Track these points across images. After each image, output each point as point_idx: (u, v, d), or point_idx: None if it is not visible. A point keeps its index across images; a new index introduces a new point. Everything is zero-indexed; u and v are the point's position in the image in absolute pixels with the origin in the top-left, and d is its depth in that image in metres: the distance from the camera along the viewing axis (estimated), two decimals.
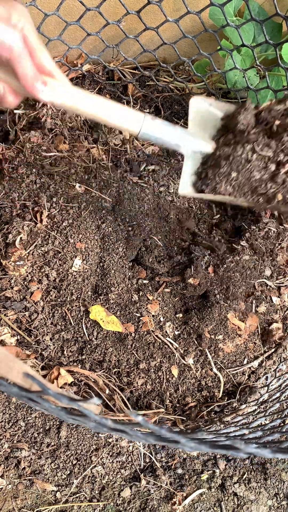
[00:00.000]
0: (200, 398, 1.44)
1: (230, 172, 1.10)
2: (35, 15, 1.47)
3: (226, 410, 1.42)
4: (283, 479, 1.43)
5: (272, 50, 1.61)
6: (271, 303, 1.54)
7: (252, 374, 1.49)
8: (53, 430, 1.38)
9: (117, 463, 1.39)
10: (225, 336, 1.47)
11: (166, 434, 0.47)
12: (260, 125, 1.19)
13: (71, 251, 1.47)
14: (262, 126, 1.19)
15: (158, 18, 1.49)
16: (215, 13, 1.52)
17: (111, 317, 1.42)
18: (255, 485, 1.41)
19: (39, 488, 1.35)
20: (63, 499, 1.34)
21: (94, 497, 1.36)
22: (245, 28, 1.51)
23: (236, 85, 1.65)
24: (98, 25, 1.54)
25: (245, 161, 1.11)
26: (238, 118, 1.15)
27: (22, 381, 0.78)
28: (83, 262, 1.47)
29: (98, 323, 1.42)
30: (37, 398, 0.52)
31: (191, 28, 1.68)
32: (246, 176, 1.11)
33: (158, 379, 1.42)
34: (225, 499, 1.39)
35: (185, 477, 1.40)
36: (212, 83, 1.80)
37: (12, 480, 1.35)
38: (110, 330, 1.42)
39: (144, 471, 1.39)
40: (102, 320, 1.41)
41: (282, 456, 0.55)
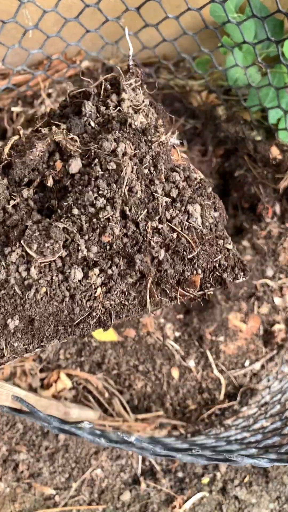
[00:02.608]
0: (201, 400, 1.43)
1: (4, 319, 0.78)
2: (34, 12, 1.44)
3: (227, 413, 1.40)
4: (285, 482, 1.41)
5: (273, 47, 1.58)
6: (273, 304, 1.52)
7: (254, 376, 1.47)
8: (51, 433, 1.36)
9: (117, 466, 1.37)
10: (226, 338, 1.45)
11: (161, 452, 0.45)
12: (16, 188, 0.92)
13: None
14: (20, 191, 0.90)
15: (158, 14, 1.47)
16: (216, 10, 1.49)
17: None
18: (256, 489, 1.39)
19: (38, 491, 1.33)
20: (62, 503, 1.33)
21: (93, 500, 1.34)
22: (246, 25, 1.49)
23: (237, 82, 1.63)
24: (97, 21, 1.51)
25: (21, 286, 0.78)
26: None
27: (12, 404, 0.77)
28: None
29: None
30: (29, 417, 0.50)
31: (192, 25, 1.66)
32: (39, 313, 0.79)
33: (158, 381, 1.41)
34: (226, 503, 1.37)
35: (186, 481, 1.38)
36: (213, 80, 1.78)
37: (10, 484, 1.33)
38: (105, 340, 1.40)
39: (144, 475, 1.38)
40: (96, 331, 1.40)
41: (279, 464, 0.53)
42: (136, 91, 0.98)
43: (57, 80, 1.68)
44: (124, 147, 0.86)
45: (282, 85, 1.51)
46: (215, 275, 0.88)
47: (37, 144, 0.90)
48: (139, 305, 0.86)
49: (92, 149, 0.87)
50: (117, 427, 1.34)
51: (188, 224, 0.87)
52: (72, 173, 0.87)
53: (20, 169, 0.89)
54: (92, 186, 0.83)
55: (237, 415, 1.37)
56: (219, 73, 1.73)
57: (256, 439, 1.12)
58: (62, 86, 1.68)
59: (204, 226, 0.89)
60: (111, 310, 0.84)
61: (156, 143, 0.90)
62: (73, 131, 0.92)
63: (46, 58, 1.69)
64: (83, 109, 0.95)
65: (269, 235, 1.54)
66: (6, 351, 0.77)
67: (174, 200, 0.88)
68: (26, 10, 1.45)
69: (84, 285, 0.81)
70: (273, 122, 1.59)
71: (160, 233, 0.85)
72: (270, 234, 1.54)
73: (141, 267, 0.83)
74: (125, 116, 0.92)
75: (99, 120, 0.95)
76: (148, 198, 0.86)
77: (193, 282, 0.86)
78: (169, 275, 0.85)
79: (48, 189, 0.91)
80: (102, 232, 0.82)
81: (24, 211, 0.88)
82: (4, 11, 1.43)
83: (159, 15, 1.47)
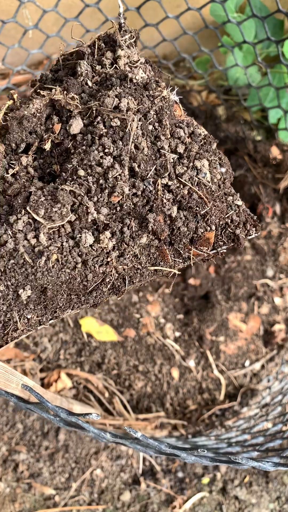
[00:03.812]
0: (201, 401, 1.42)
1: (16, 290, 0.75)
2: (34, 12, 1.44)
3: (228, 413, 1.40)
4: (285, 482, 1.41)
5: (274, 47, 1.58)
6: (273, 304, 1.52)
7: (254, 376, 1.47)
8: (51, 433, 1.36)
9: (117, 466, 1.37)
10: (226, 338, 1.45)
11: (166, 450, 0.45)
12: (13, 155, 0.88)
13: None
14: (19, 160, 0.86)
15: (158, 14, 1.47)
16: (216, 10, 1.49)
17: (104, 326, 1.40)
18: (256, 489, 1.39)
19: (38, 491, 1.33)
20: (62, 503, 1.33)
21: (93, 500, 1.34)
22: (246, 25, 1.49)
23: (237, 82, 1.63)
24: (97, 21, 1.51)
25: (31, 255, 0.75)
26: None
27: (21, 393, 0.76)
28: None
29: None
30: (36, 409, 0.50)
31: (192, 24, 1.66)
32: (51, 282, 0.77)
33: (158, 381, 1.41)
34: (226, 503, 1.37)
35: (186, 481, 1.38)
36: (213, 80, 1.78)
37: (10, 484, 1.33)
38: (105, 340, 1.40)
39: (144, 475, 1.38)
40: (96, 331, 1.40)
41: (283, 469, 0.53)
42: (131, 49, 0.95)
43: None
44: (127, 102, 0.83)
45: (282, 85, 1.51)
46: (228, 232, 0.86)
47: (34, 100, 0.87)
48: (152, 267, 0.84)
49: (94, 107, 0.84)
50: (118, 426, 1.34)
51: (198, 180, 0.84)
52: (74, 133, 0.84)
53: (16, 132, 0.87)
54: (96, 145, 0.80)
55: (238, 416, 1.36)
56: (219, 72, 1.73)
57: (258, 441, 1.12)
58: None
59: (213, 182, 0.86)
60: (124, 275, 0.82)
61: (158, 98, 0.88)
62: (70, 91, 0.89)
63: (46, 58, 1.68)
64: (78, 68, 0.92)
65: (269, 235, 1.53)
66: (20, 324, 0.75)
67: (181, 156, 0.86)
68: (26, 10, 1.45)
69: (96, 249, 0.78)
70: (273, 122, 1.59)
71: (171, 190, 0.83)
72: (270, 234, 1.54)
73: (154, 226, 0.80)
74: (124, 72, 0.89)
75: (96, 79, 0.92)
76: (155, 155, 0.84)
77: (206, 240, 0.85)
78: (182, 234, 0.83)
79: (47, 154, 0.87)
80: (111, 192, 0.79)
81: (25, 179, 0.85)
82: (4, 11, 1.43)
83: (159, 14, 1.47)
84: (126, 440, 0.52)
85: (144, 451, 0.57)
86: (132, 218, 0.81)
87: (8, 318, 0.74)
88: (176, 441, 1.28)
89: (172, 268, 0.85)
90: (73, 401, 1.27)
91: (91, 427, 0.48)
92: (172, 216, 0.82)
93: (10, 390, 0.75)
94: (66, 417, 0.48)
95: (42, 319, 0.77)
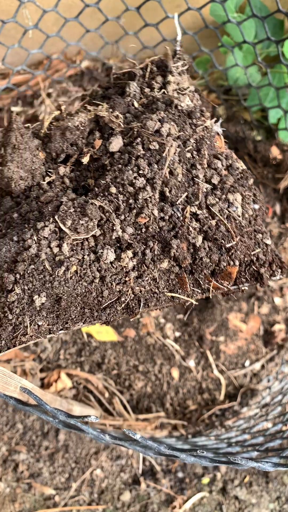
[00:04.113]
0: (201, 401, 1.42)
1: (31, 295, 0.75)
2: (34, 12, 1.44)
3: (228, 413, 1.40)
4: (285, 482, 1.41)
5: (274, 47, 1.58)
6: (273, 304, 1.52)
7: (254, 376, 1.47)
8: (51, 433, 1.36)
9: (117, 466, 1.37)
10: (226, 338, 1.45)
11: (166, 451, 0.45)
12: (54, 165, 0.91)
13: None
14: (57, 167, 0.89)
15: (158, 14, 1.47)
16: (216, 10, 1.49)
17: (104, 326, 1.40)
18: (256, 489, 1.39)
19: (38, 491, 1.33)
20: (62, 503, 1.33)
21: (93, 500, 1.34)
22: (246, 25, 1.49)
23: (237, 82, 1.63)
24: (97, 21, 1.51)
25: (51, 263, 0.76)
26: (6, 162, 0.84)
27: (20, 395, 0.76)
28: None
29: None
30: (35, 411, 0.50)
31: (192, 24, 1.66)
32: (66, 292, 0.76)
33: (158, 381, 1.41)
34: (226, 503, 1.37)
35: (186, 481, 1.38)
36: (213, 80, 1.78)
37: (10, 484, 1.33)
38: (104, 340, 1.40)
39: (144, 475, 1.38)
40: (96, 331, 1.40)
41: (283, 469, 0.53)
42: (182, 76, 0.97)
43: (57, 80, 1.68)
44: (168, 127, 0.84)
45: (282, 85, 1.51)
46: (252, 270, 0.85)
47: (79, 114, 0.89)
48: (169, 293, 0.83)
49: (135, 128, 0.85)
50: (118, 427, 1.34)
51: (228, 213, 0.84)
52: (112, 151, 0.85)
53: (58, 142, 0.88)
54: (132, 165, 0.81)
55: (237, 416, 1.36)
56: (219, 72, 1.73)
57: (257, 441, 1.12)
58: (62, 85, 1.68)
59: (244, 217, 0.86)
60: (140, 297, 0.81)
61: (200, 127, 0.88)
62: (116, 110, 0.90)
63: (46, 58, 1.68)
64: (127, 89, 0.94)
65: (269, 235, 1.53)
66: (30, 329, 0.74)
67: (215, 187, 0.86)
68: (26, 10, 1.45)
69: (116, 267, 0.78)
70: (273, 122, 1.59)
71: (199, 219, 0.83)
72: (270, 234, 1.54)
73: (177, 253, 0.80)
74: (171, 97, 0.90)
75: (143, 101, 0.93)
76: (189, 182, 0.84)
77: (228, 274, 0.83)
78: (204, 264, 0.82)
79: (84, 167, 0.89)
80: (139, 213, 0.80)
81: (59, 188, 0.86)
82: (4, 11, 1.43)
83: (159, 14, 1.47)
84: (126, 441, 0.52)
85: (144, 452, 0.57)
86: (156, 241, 0.81)
87: (19, 322, 0.74)
88: (176, 441, 1.28)
89: (190, 297, 0.84)
90: (73, 402, 1.27)
91: (90, 429, 0.48)
92: (196, 245, 0.82)
93: (8, 393, 0.75)
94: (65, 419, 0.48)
95: (52, 328, 0.77)
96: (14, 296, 0.73)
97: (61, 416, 0.46)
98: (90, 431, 0.48)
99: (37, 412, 0.59)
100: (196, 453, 0.54)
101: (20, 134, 0.88)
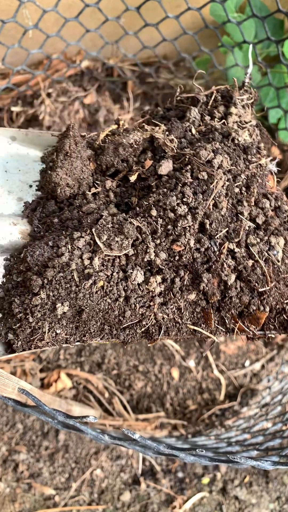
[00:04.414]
0: (201, 401, 1.42)
1: (54, 302, 0.75)
2: (34, 12, 1.44)
3: (228, 413, 1.40)
4: (285, 483, 1.41)
5: (274, 47, 1.58)
6: None
7: (254, 376, 1.47)
8: (51, 433, 1.36)
9: (117, 466, 1.37)
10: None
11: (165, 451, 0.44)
12: (102, 177, 0.91)
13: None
14: (104, 180, 0.90)
15: (158, 14, 1.47)
16: (216, 9, 1.49)
17: None
18: (256, 489, 1.39)
19: (38, 491, 1.33)
20: (62, 503, 1.33)
21: (93, 500, 1.34)
22: (246, 25, 1.49)
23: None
24: (97, 21, 1.51)
25: (80, 274, 0.75)
26: (55, 167, 0.85)
27: (18, 397, 0.76)
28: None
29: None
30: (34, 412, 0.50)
31: (192, 24, 1.66)
32: (89, 306, 0.76)
33: (158, 381, 1.41)
34: (226, 503, 1.37)
35: (186, 481, 1.38)
36: (213, 80, 1.78)
37: (10, 484, 1.33)
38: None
39: (144, 475, 1.38)
40: None
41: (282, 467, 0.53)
42: (246, 109, 0.95)
43: (57, 80, 1.68)
44: (221, 159, 0.82)
45: (282, 85, 1.51)
46: (282, 318, 0.81)
47: (135, 132, 0.88)
48: (192, 326, 0.81)
49: (188, 154, 0.84)
50: (118, 427, 1.34)
51: (267, 255, 0.80)
52: (161, 174, 0.85)
53: (110, 156, 0.88)
54: (177, 191, 0.80)
55: (237, 416, 1.36)
56: (219, 72, 1.72)
57: (257, 441, 1.12)
58: (62, 85, 1.68)
59: (284, 262, 0.82)
60: (162, 324, 0.80)
61: (254, 164, 0.86)
62: (172, 134, 0.89)
63: (46, 58, 1.68)
64: (188, 114, 0.93)
65: None
66: (47, 336, 0.75)
67: (258, 226, 0.83)
68: (26, 10, 1.45)
69: (142, 290, 0.77)
70: (273, 122, 1.59)
71: (235, 257, 0.80)
72: None
73: (206, 287, 0.78)
74: (230, 130, 0.88)
75: (200, 129, 0.92)
76: (232, 218, 0.81)
77: (256, 319, 0.80)
78: (233, 304, 0.79)
79: (130, 185, 0.89)
80: (175, 240, 0.78)
81: (103, 201, 0.86)
82: (4, 11, 1.43)
83: (159, 14, 1.46)
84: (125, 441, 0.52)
85: (143, 452, 0.57)
86: (187, 271, 0.80)
87: (38, 326, 0.75)
88: (176, 441, 1.28)
89: (212, 334, 0.82)
90: (73, 402, 1.27)
91: (89, 429, 0.48)
92: (227, 283, 0.79)
93: (6, 394, 0.75)
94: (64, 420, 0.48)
95: (70, 338, 0.77)
96: (38, 300, 0.74)
97: (60, 417, 0.46)
98: (89, 432, 0.48)
99: (36, 413, 0.58)
100: (195, 452, 0.54)
101: (75, 142, 0.88)
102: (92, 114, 1.69)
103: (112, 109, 1.71)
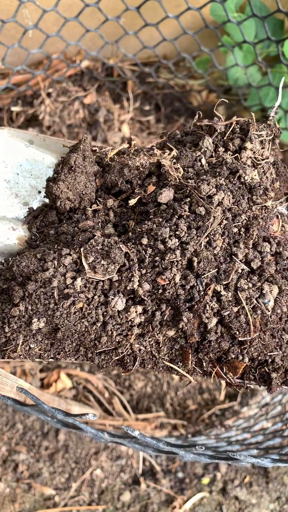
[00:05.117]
0: (201, 401, 1.42)
1: (31, 317, 0.75)
2: (34, 12, 1.44)
3: (227, 413, 1.40)
4: (285, 483, 1.41)
5: (274, 47, 1.58)
6: None
7: None
8: (51, 433, 1.36)
9: (117, 466, 1.37)
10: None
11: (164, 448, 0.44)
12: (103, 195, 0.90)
13: None
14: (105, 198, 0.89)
15: (158, 14, 1.47)
16: (216, 9, 1.49)
17: None
18: (256, 489, 1.39)
19: (38, 491, 1.33)
20: (62, 503, 1.33)
21: (93, 501, 1.34)
22: (246, 25, 1.49)
23: (237, 82, 1.63)
24: (97, 21, 1.51)
25: (60, 293, 0.74)
26: (59, 178, 0.84)
27: (16, 396, 0.76)
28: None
29: None
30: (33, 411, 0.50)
31: (192, 24, 1.66)
32: (66, 326, 0.75)
33: (158, 381, 1.40)
34: (226, 503, 1.37)
35: (186, 481, 1.38)
36: (213, 79, 1.78)
37: (10, 484, 1.33)
38: None
39: (144, 475, 1.37)
40: None
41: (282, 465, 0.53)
42: (264, 145, 0.91)
43: (57, 80, 1.68)
44: (222, 196, 0.79)
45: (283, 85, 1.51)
46: (263, 370, 0.77)
47: (141, 155, 0.87)
48: (168, 363, 0.79)
49: (189, 186, 0.81)
50: (118, 427, 1.34)
51: (256, 303, 0.76)
52: (160, 202, 0.82)
53: (115, 175, 0.87)
54: (172, 223, 0.78)
55: (237, 416, 1.36)
56: (219, 72, 1.73)
57: (257, 440, 1.12)
58: (62, 85, 1.68)
59: (274, 312, 0.77)
60: (137, 355, 0.78)
61: (259, 206, 0.83)
62: (180, 162, 0.87)
63: (46, 58, 1.68)
64: (201, 143, 0.90)
65: None
66: (20, 348, 0.74)
67: (252, 271, 0.79)
68: (26, 10, 1.45)
69: (121, 317, 0.76)
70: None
71: (220, 300, 0.76)
72: None
73: (186, 327, 0.75)
74: (238, 166, 0.85)
75: (211, 160, 0.89)
76: (225, 258, 0.78)
77: (234, 368, 0.76)
78: (211, 348, 0.76)
79: (131, 207, 0.86)
80: (160, 273, 0.76)
81: (102, 219, 0.85)
82: (4, 11, 1.43)
83: (159, 14, 1.47)
84: (125, 439, 0.52)
85: (143, 450, 0.57)
86: (169, 307, 0.77)
87: (13, 337, 0.74)
88: (175, 441, 1.28)
89: (189, 374, 0.79)
90: (72, 402, 1.27)
91: (88, 427, 0.48)
92: (207, 326, 0.76)
93: (5, 393, 0.75)
94: (63, 418, 0.48)
95: (43, 354, 0.76)
96: (17, 311, 0.73)
97: (59, 415, 0.46)
98: (89, 430, 0.48)
99: (35, 412, 0.58)
100: (195, 450, 0.54)
101: (83, 156, 0.86)
102: (92, 114, 1.69)
103: (112, 109, 1.71)
